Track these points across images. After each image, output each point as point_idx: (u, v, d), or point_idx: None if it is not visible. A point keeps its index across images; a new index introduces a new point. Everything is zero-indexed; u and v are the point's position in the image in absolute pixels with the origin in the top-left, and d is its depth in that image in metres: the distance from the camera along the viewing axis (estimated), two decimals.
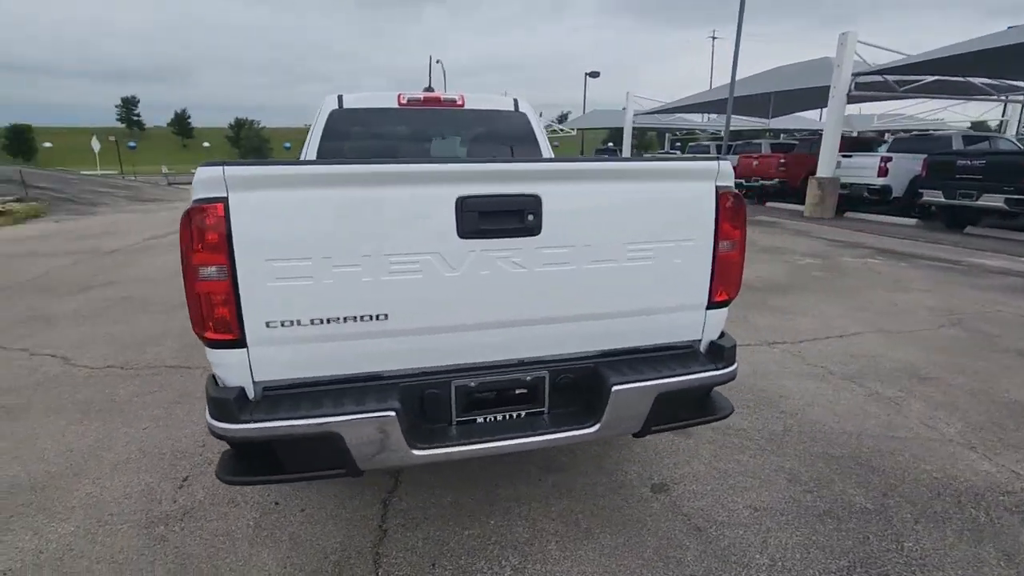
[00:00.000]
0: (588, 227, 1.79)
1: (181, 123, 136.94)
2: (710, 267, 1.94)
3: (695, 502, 2.42)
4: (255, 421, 1.57)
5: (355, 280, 1.63)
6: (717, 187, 1.89)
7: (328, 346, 1.68)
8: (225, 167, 1.49)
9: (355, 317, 1.66)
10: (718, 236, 1.92)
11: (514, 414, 1.92)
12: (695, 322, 2.02)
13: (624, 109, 26.62)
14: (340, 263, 1.60)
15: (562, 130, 36.95)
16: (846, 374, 3.81)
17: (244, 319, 1.58)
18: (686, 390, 1.92)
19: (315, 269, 1.59)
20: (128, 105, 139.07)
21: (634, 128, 28.53)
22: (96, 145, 47.35)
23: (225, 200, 1.50)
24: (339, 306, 1.64)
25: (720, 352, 2.01)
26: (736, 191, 1.94)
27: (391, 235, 1.63)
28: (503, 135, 3.66)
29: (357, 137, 3.65)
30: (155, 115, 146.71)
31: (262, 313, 1.59)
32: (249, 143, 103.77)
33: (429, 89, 3.75)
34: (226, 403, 1.57)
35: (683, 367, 1.93)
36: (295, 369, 1.69)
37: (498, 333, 1.83)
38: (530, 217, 1.70)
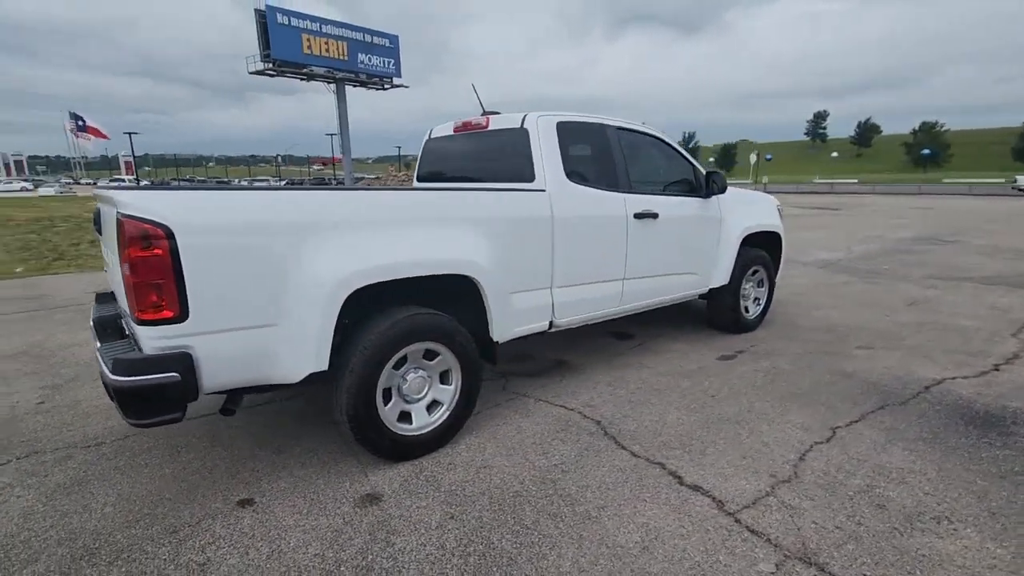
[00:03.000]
0: None
1: (864, 132, 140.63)
2: (123, 285, 2.11)
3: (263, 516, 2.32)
4: None
5: None
6: (119, 215, 2.01)
7: None
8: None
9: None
10: (122, 258, 2.05)
11: None
12: (135, 331, 2.18)
13: None
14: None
15: None
16: None
17: None
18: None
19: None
20: (817, 119, 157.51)
21: None
22: (752, 158, 57.65)
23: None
24: None
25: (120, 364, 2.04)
26: (139, 224, 1.96)
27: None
28: (508, 152, 3.76)
29: (432, 160, 4.50)
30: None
31: None
32: (917, 149, 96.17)
33: (492, 113, 4.01)
34: None
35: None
36: None
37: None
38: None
